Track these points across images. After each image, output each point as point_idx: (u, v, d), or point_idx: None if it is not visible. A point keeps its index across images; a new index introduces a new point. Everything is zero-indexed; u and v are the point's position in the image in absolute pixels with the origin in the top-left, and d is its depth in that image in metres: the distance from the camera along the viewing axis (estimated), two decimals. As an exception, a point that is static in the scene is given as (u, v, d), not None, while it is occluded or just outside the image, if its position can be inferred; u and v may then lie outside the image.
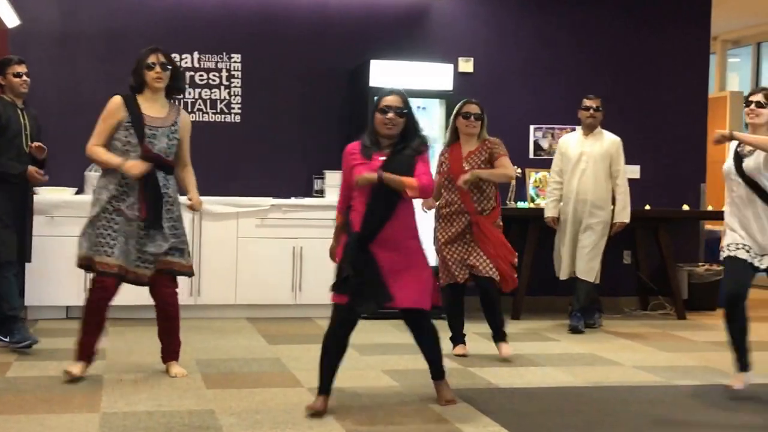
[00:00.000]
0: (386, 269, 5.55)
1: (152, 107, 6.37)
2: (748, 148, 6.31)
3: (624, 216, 9.14)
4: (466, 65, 10.49)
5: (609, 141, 9.18)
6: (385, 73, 9.47)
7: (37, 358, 7.09)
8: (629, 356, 7.82)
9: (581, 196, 9.05)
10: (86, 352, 6.41)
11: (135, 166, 6.19)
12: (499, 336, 7.55)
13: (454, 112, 7.67)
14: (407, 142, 5.69)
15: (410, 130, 5.73)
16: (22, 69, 7.44)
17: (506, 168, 7.50)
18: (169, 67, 6.40)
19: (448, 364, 7.24)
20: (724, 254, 6.42)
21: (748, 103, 6.37)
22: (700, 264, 11.06)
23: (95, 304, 6.39)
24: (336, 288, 5.62)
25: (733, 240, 6.37)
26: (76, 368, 6.35)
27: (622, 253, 10.92)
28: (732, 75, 15.43)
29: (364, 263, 5.53)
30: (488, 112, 7.71)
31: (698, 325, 9.82)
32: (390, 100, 5.69)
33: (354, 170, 5.66)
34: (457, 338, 7.71)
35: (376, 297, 5.55)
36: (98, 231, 6.27)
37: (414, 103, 9.69)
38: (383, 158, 5.64)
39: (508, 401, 6.13)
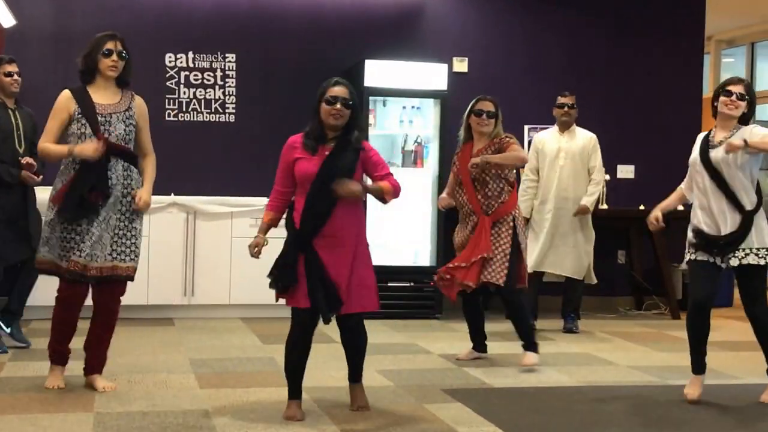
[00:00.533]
0: (331, 271, 5.45)
1: (104, 95, 6.06)
2: (718, 138, 6.17)
3: (588, 201, 9.01)
4: (461, 65, 10.50)
5: (586, 137, 9.18)
6: (380, 73, 9.49)
7: (30, 358, 7.07)
8: (624, 356, 7.83)
9: (562, 193, 9.03)
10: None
11: (86, 148, 5.84)
12: (524, 345, 7.32)
13: (468, 109, 7.40)
14: (349, 135, 5.61)
15: (353, 122, 5.64)
16: (12, 68, 7.39)
17: (518, 151, 7.20)
18: (126, 56, 6.08)
19: (443, 364, 7.26)
20: (687, 258, 6.26)
21: (727, 93, 6.14)
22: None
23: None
24: (271, 285, 5.60)
25: (697, 229, 6.18)
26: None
27: (616, 253, 10.94)
28: (726, 75, 15.39)
29: (309, 264, 5.44)
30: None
31: (693, 325, 9.82)
32: (337, 90, 5.58)
33: (297, 164, 5.57)
34: (473, 341, 7.62)
35: (329, 303, 5.46)
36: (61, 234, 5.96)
37: (408, 102, 9.84)
38: (327, 153, 5.56)
39: (502, 401, 6.12)
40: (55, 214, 5.95)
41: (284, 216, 5.67)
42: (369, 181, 5.72)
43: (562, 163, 8.95)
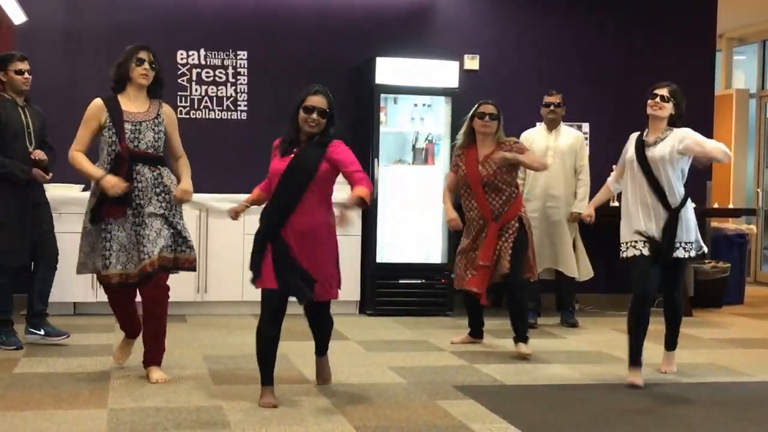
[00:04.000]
0: (300, 258, 5.74)
1: (133, 104, 6.27)
2: (651, 139, 6.65)
3: (580, 207, 8.97)
4: (472, 62, 10.50)
5: (573, 136, 9.24)
6: (391, 71, 9.51)
7: (44, 354, 7.10)
8: (635, 353, 7.83)
9: (551, 192, 9.05)
10: None
11: (115, 186, 6.06)
12: (517, 337, 7.55)
13: (471, 113, 7.63)
14: (322, 137, 5.87)
15: (328, 128, 5.91)
16: (24, 66, 7.35)
17: (539, 157, 7.53)
18: (156, 67, 6.34)
19: (455, 360, 7.27)
20: (627, 253, 6.62)
21: (653, 96, 6.71)
22: (706, 261, 11.06)
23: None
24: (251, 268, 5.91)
25: (630, 231, 6.61)
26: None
27: (628, 250, 10.93)
28: (738, 73, 15.41)
29: (276, 251, 5.74)
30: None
31: (704, 322, 9.83)
32: (315, 100, 5.87)
33: (272, 163, 5.94)
34: (471, 326, 8.00)
35: (306, 284, 5.76)
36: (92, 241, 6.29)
37: (419, 100, 9.84)
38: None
39: (514, 398, 6.13)
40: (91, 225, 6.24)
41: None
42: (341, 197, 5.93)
43: (551, 161, 8.93)
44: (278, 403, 5.66)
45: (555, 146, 9.06)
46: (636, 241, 6.54)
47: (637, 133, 6.80)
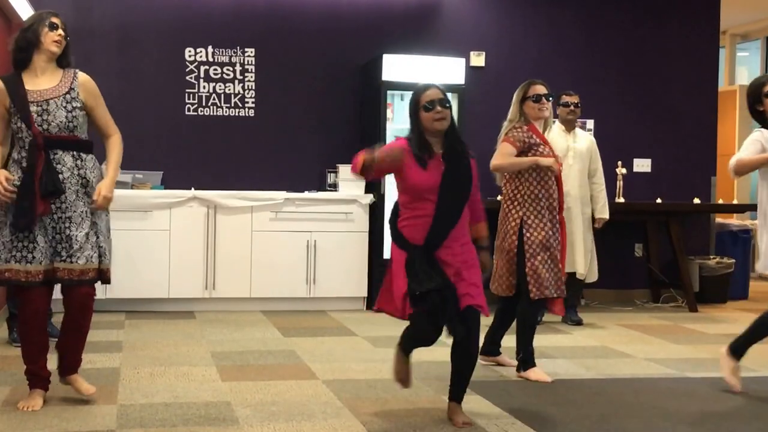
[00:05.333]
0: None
1: (39, 79, 5.43)
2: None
3: (605, 212, 9.03)
4: (478, 59, 10.53)
5: (588, 138, 9.15)
6: (398, 67, 9.54)
7: (52, 351, 7.12)
8: (641, 348, 7.86)
9: (571, 191, 8.74)
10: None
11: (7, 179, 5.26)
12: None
13: (518, 97, 6.76)
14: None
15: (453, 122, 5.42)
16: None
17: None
18: (68, 39, 5.58)
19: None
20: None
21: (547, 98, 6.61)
22: (711, 257, 11.09)
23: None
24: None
25: None
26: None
27: (633, 245, 10.98)
28: (741, 69, 15.42)
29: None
30: (500, 106, 7.64)
31: (710, 317, 9.85)
32: (431, 94, 5.32)
33: (410, 174, 5.26)
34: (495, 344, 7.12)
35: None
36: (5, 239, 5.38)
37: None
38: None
39: (521, 393, 6.16)
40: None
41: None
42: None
43: (571, 162, 8.85)
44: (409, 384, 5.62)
45: (575, 147, 8.93)
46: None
47: (761, 130, 6.41)
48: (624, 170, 10.20)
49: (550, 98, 6.74)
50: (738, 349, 6.35)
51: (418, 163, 5.24)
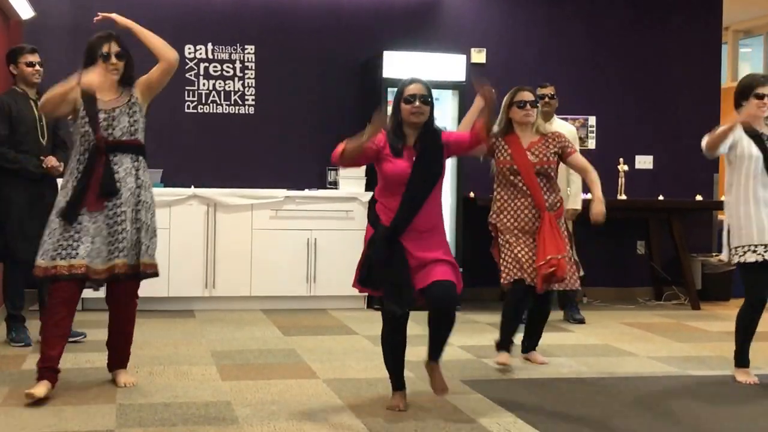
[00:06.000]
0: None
1: (105, 93, 5.86)
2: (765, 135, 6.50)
3: (577, 203, 8.82)
4: (479, 56, 10.51)
5: (567, 129, 8.86)
6: (398, 65, 9.50)
7: (66, 351, 7.10)
8: (643, 346, 7.84)
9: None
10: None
11: (92, 77, 5.68)
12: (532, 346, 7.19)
13: (506, 102, 6.93)
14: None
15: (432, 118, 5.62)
16: (34, 58, 7.35)
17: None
18: (124, 55, 5.98)
19: (463, 354, 7.27)
20: (747, 258, 6.42)
21: (759, 96, 6.45)
22: (713, 254, 11.06)
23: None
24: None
25: (749, 234, 6.50)
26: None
27: (635, 243, 10.95)
28: (744, 65, 15.39)
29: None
30: (501, 103, 7.55)
31: (712, 315, 9.83)
32: (414, 88, 5.50)
33: (384, 166, 5.49)
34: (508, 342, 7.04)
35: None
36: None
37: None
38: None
39: (522, 392, 6.14)
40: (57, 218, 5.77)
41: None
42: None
43: None
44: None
45: None
46: (756, 246, 6.36)
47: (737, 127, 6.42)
48: (626, 167, 10.17)
49: (536, 104, 6.92)
50: (741, 359, 6.62)
51: (393, 153, 5.46)
